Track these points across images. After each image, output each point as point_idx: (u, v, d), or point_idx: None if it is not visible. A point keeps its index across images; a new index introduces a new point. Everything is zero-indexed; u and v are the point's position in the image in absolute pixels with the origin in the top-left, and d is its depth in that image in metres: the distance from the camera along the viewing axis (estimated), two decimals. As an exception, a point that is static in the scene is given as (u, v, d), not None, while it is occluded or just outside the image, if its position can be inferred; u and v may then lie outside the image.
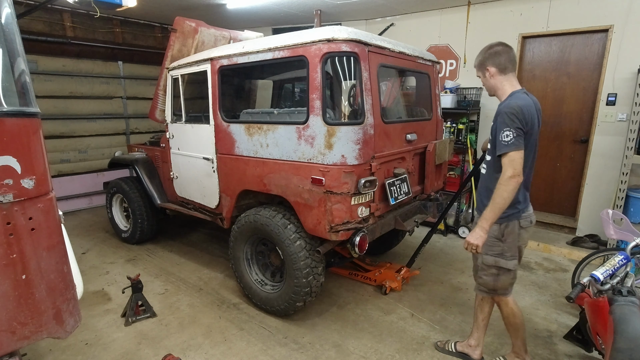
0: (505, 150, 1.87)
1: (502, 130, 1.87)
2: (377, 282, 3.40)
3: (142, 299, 2.97)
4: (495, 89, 2.08)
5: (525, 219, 2.10)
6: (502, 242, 2.07)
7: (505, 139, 1.87)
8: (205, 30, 3.81)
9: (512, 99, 1.95)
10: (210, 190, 3.36)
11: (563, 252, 4.21)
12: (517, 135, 1.85)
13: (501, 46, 2.04)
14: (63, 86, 5.47)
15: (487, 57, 2.05)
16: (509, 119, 1.87)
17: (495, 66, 2.02)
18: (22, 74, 1.37)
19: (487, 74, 2.06)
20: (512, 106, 1.88)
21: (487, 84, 2.11)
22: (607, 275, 1.92)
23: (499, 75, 2.03)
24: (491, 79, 2.06)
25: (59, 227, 1.51)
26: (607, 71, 4.07)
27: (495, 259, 2.09)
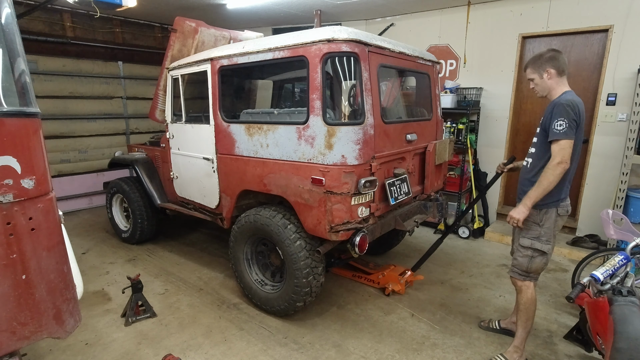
0: (557, 137, 2.04)
1: (557, 119, 2.04)
2: (381, 285, 3.38)
3: (142, 299, 2.97)
4: (551, 89, 2.24)
5: (563, 207, 2.27)
6: (540, 227, 2.25)
7: (558, 127, 2.03)
8: (205, 30, 3.81)
9: (569, 95, 2.13)
10: (210, 190, 3.36)
11: (563, 252, 4.21)
12: (569, 126, 2.02)
13: (556, 52, 2.22)
14: (63, 86, 5.47)
15: (546, 59, 2.21)
16: (565, 110, 2.03)
17: (555, 68, 2.19)
18: (22, 74, 1.37)
19: (546, 75, 2.21)
20: (570, 100, 2.07)
21: (544, 84, 2.25)
22: (607, 275, 1.91)
23: (557, 77, 2.20)
24: (549, 80, 2.22)
25: (59, 227, 1.51)
26: (607, 71, 4.07)
27: (532, 242, 2.27)
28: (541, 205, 2.22)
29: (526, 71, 2.33)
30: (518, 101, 4.76)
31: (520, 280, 2.36)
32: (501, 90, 4.77)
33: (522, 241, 2.31)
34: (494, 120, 4.88)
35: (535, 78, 2.27)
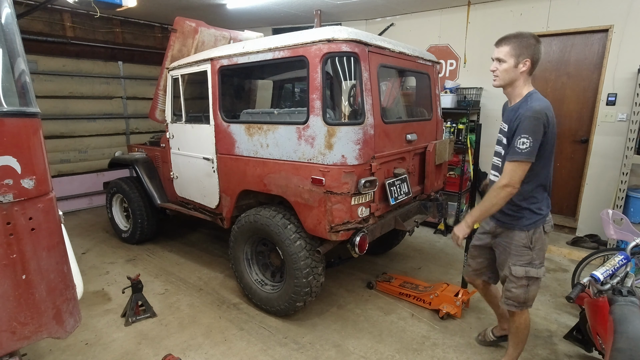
0: (515, 158, 1.80)
1: (520, 136, 1.77)
2: (432, 306, 3.03)
3: (142, 299, 2.97)
4: (515, 83, 1.93)
5: (548, 223, 2.05)
6: (531, 250, 1.99)
7: (521, 147, 1.78)
8: (205, 30, 3.81)
9: (536, 102, 1.82)
10: (210, 190, 3.36)
11: (563, 252, 4.21)
12: (533, 146, 1.77)
13: (539, 42, 1.88)
14: (63, 86, 5.47)
15: (529, 46, 1.84)
16: (534, 126, 1.75)
17: (533, 62, 1.87)
18: (22, 74, 1.37)
19: (521, 66, 1.87)
20: (539, 111, 1.76)
21: (511, 74, 1.91)
22: (607, 275, 1.92)
23: (527, 73, 1.91)
24: (522, 72, 1.89)
25: (59, 227, 1.51)
26: (607, 71, 4.07)
27: (526, 269, 2.00)
28: (528, 226, 1.98)
29: (499, 48, 1.91)
30: (518, 101, 4.75)
31: (517, 311, 2.12)
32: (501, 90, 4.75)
33: (515, 271, 2.02)
34: (494, 120, 4.88)
35: (508, 62, 1.89)
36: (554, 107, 5.03)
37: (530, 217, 1.96)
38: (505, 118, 2.01)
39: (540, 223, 1.99)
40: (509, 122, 1.92)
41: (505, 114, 2.02)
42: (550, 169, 1.99)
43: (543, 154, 1.87)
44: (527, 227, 1.98)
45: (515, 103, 1.91)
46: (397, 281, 3.38)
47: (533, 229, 1.99)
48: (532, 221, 1.97)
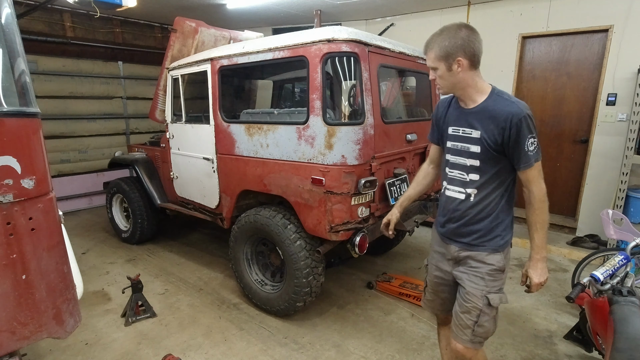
0: (533, 163, 1.53)
1: (527, 138, 1.49)
2: None
3: (142, 299, 2.97)
4: (465, 86, 1.58)
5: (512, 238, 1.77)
6: (504, 273, 1.70)
7: (531, 148, 1.51)
8: (205, 30, 3.81)
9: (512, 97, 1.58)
10: (210, 190, 3.36)
11: (563, 252, 4.21)
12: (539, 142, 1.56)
13: (470, 30, 1.53)
14: (63, 86, 5.47)
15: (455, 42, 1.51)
16: (532, 122, 1.52)
17: (469, 58, 1.52)
18: (22, 74, 1.37)
19: (456, 67, 1.53)
20: (527, 106, 1.54)
21: (450, 80, 1.58)
22: (607, 275, 1.92)
23: (469, 70, 1.55)
24: (460, 73, 1.55)
25: (59, 227, 1.51)
26: (607, 71, 4.07)
27: (500, 296, 1.68)
28: (503, 245, 1.66)
29: (427, 55, 1.61)
30: (518, 101, 4.75)
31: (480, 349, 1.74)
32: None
33: (493, 300, 1.65)
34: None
35: (440, 68, 1.57)
36: (554, 107, 5.05)
37: (505, 234, 1.66)
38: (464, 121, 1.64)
39: (511, 239, 1.72)
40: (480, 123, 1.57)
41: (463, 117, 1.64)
42: None
43: None
44: (502, 247, 1.65)
45: (480, 104, 1.58)
46: (397, 281, 3.38)
47: (507, 248, 1.70)
48: (507, 239, 1.68)
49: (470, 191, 1.65)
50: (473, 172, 1.63)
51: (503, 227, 1.66)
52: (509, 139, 1.52)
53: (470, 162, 1.62)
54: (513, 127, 1.50)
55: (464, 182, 1.66)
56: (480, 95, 1.59)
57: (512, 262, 4.05)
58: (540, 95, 4.63)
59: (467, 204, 1.66)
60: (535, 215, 1.58)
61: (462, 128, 1.65)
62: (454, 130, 1.68)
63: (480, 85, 1.59)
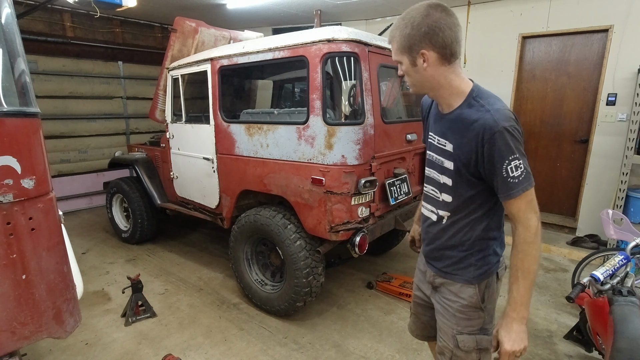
0: (519, 193, 1.16)
1: (509, 160, 1.13)
2: None
3: (142, 299, 2.97)
4: (436, 86, 1.25)
5: (502, 265, 1.43)
6: (483, 311, 1.38)
7: (514, 174, 1.14)
8: (205, 30, 3.81)
9: (494, 103, 1.19)
10: (210, 190, 3.36)
11: (563, 252, 4.21)
12: (526, 165, 1.16)
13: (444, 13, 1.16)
14: (63, 86, 5.47)
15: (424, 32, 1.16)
16: (513, 139, 1.13)
17: (438, 50, 1.17)
18: (22, 74, 1.37)
19: (421, 62, 1.20)
20: (509, 116, 1.15)
21: (417, 77, 1.25)
22: (607, 275, 1.92)
23: (440, 66, 1.20)
24: (428, 69, 1.21)
25: (59, 227, 1.51)
26: (607, 71, 4.07)
27: (477, 338, 1.37)
28: (479, 277, 1.36)
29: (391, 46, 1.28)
30: (518, 101, 4.75)
31: None
32: (501, 90, 4.76)
33: (463, 342, 1.37)
34: (494, 120, 4.88)
35: (404, 63, 1.25)
36: (554, 107, 5.05)
37: (482, 264, 1.35)
38: (439, 129, 1.33)
39: (494, 270, 1.38)
40: (453, 135, 1.27)
41: (439, 124, 1.33)
42: None
43: None
44: (477, 278, 1.36)
45: (455, 110, 1.26)
46: (397, 281, 3.38)
47: (485, 280, 1.36)
48: (484, 270, 1.36)
49: (442, 214, 1.36)
50: (446, 192, 1.33)
51: (480, 257, 1.35)
52: (483, 159, 1.18)
53: (444, 180, 1.32)
54: (485, 144, 1.15)
55: (436, 202, 1.38)
56: (456, 99, 1.25)
57: (512, 262, 4.04)
58: (540, 95, 4.63)
59: (438, 227, 1.39)
60: (516, 259, 1.21)
61: (437, 136, 1.34)
62: (431, 137, 1.38)
63: (457, 85, 1.24)
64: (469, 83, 1.26)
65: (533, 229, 1.18)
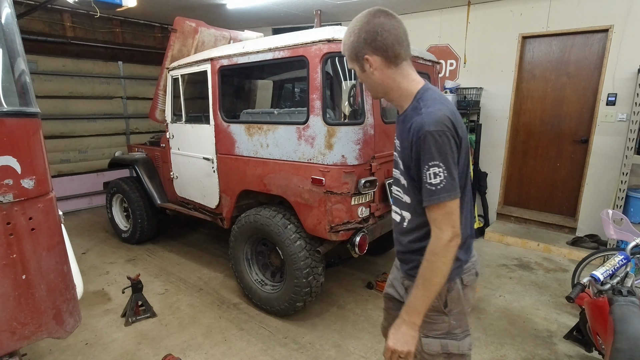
0: (433, 202, 1.15)
1: (428, 165, 1.13)
2: None
3: (142, 299, 2.97)
4: (386, 89, 1.28)
5: (469, 272, 1.35)
6: (447, 315, 1.34)
7: (432, 181, 1.13)
8: (205, 30, 3.81)
9: (431, 106, 1.17)
10: (210, 190, 3.36)
11: (563, 252, 4.21)
12: (449, 175, 1.13)
13: (384, 17, 1.19)
14: (63, 86, 5.47)
15: (364, 38, 1.20)
16: (437, 145, 1.12)
17: (380, 53, 1.21)
18: (22, 74, 1.37)
19: (368, 67, 1.24)
20: (440, 119, 1.13)
21: (369, 82, 1.30)
22: (607, 275, 1.92)
23: (387, 69, 1.24)
24: (376, 73, 1.25)
25: (59, 227, 1.51)
26: (607, 71, 4.07)
27: (442, 343, 1.36)
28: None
29: None
30: (518, 101, 4.75)
31: None
32: (501, 90, 4.76)
33: (428, 346, 1.35)
34: (494, 120, 4.88)
35: (357, 70, 1.30)
36: (554, 107, 5.05)
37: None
38: (397, 130, 1.35)
39: (456, 275, 1.32)
40: (400, 137, 1.30)
41: (397, 125, 1.35)
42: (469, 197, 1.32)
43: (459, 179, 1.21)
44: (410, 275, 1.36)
45: (404, 111, 1.27)
46: None
47: (447, 286, 1.30)
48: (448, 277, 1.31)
49: (404, 214, 1.35)
50: (406, 192, 1.32)
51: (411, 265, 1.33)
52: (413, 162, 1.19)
53: (403, 181, 1.32)
54: (414, 146, 1.16)
55: (400, 202, 1.36)
56: (406, 100, 1.27)
57: (512, 262, 4.05)
58: (540, 95, 4.63)
59: (401, 228, 1.38)
60: (423, 266, 1.20)
61: (396, 137, 1.36)
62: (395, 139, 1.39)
63: (405, 87, 1.25)
64: (418, 85, 1.26)
65: (443, 242, 1.15)
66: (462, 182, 1.22)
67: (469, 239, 1.36)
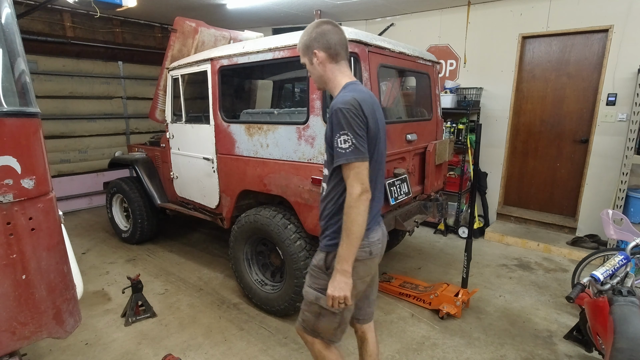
0: (346, 160, 1.41)
1: (338, 134, 1.42)
2: (432, 306, 3.02)
3: (142, 299, 2.97)
4: (326, 80, 1.60)
5: (362, 248, 1.53)
6: (327, 275, 1.56)
7: (342, 146, 1.41)
8: (205, 30, 3.81)
9: (346, 91, 1.50)
10: (210, 190, 3.36)
11: (563, 252, 4.21)
12: (358, 142, 1.41)
13: (330, 25, 1.55)
14: (63, 86, 5.47)
15: (314, 37, 1.54)
16: (345, 118, 1.41)
17: (325, 50, 1.53)
18: (22, 74, 1.37)
19: (315, 60, 1.56)
20: (348, 100, 1.42)
21: (315, 73, 1.61)
22: (607, 275, 1.92)
23: (329, 63, 1.56)
24: (319, 66, 1.57)
25: (59, 227, 1.51)
26: (607, 71, 4.07)
27: (317, 295, 1.61)
28: (328, 246, 1.58)
29: None
30: (518, 101, 4.76)
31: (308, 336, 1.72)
32: (501, 90, 4.77)
33: (306, 292, 1.66)
34: (494, 120, 4.88)
35: (306, 63, 1.62)
36: (554, 107, 5.04)
37: (333, 237, 1.55)
38: None
39: None
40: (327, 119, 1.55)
41: None
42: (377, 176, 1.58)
43: None
44: (326, 247, 1.59)
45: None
46: (397, 281, 3.38)
47: (333, 252, 1.53)
48: (334, 243, 1.54)
49: (324, 185, 1.64)
50: (326, 166, 1.61)
51: (333, 230, 1.57)
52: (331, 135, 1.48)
53: (327, 157, 1.59)
54: (328, 120, 1.49)
55: (324, 177, 1.65)
56: (337, 90, 1.58)
57: (512, 262, 4.05)
58: (540, 95, 4.63)
59: (322, 197, 1.65)
60: (343, 220, 1.46)
61: None
62: None
63: (339, 80, 1.57)
64: (349, 79, 1.58)
65: (354, 196, 1.42)
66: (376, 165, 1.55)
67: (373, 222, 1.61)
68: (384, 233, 1.74)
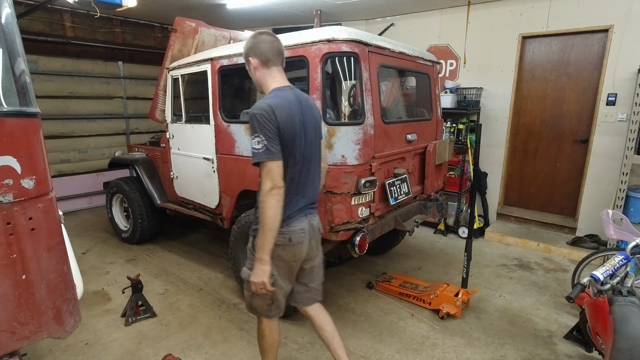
0: (259, 159, 1.60)
1: (253, 136, 1.60)
2: (433, 306, 3.03)
3: (142, 299, 2.97)
4: (261, 84, 1.80)
5: (283, 235, 1.72)
6: (252, 255, 1.79)
7: (257, 147, 1.59)
8: (205, 30, 3.81)
9: (265, 98, 1.69)
10: (210, 190, 3.36)
11: (563, 252, 4.21)
12: (270, 144, 1.59)
13: (265, 35, 1.75)
14: (63, 86, 5.47)
15: (249, 46, 1.75)
16: (258, 122, 1.59)
17: (257, 57, 1.73)
18: (22, 74, 1.37)
19: (251, 67, 1.78)
20: (262, 107, 1.60)
21: (253, 78, 1.82)
22: (607, 275, 1.92)
23: (261, 69, 1.76)
24: (254, 72, 1.78)
25: (59, 227, 1.51)
26: (607, 71, 4.07)
27: (248, 273, 1.79)
28: (253, 231, 1.79)
29: None
30: (518, 101, 4.76)
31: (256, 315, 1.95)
32: (501, 90, 4.77)
33: (242, 271, 1.86)
34: (494, 120, 4.88)
35: (247, 68, 1.82)
36: (554, 107, 5.04)
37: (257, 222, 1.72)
38: None
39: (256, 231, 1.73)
40: None
41: None
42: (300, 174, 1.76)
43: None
44: (252, 231, 1.81)
45: None
46: (397, 281, 3.38)
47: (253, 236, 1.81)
48: (255, 228, 1.75)
49: None
50: None
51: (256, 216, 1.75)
52: None
53: None
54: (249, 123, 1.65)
55: None
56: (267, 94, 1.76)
57: (512, 262, 4.05)
58: (540, 95, 4.63)
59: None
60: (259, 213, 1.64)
61: None
62: None
63: (269, 85, 1.77)
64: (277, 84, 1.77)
65: (264, 191, 1.60)
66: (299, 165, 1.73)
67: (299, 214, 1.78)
68: (313, 226, 1.87)
